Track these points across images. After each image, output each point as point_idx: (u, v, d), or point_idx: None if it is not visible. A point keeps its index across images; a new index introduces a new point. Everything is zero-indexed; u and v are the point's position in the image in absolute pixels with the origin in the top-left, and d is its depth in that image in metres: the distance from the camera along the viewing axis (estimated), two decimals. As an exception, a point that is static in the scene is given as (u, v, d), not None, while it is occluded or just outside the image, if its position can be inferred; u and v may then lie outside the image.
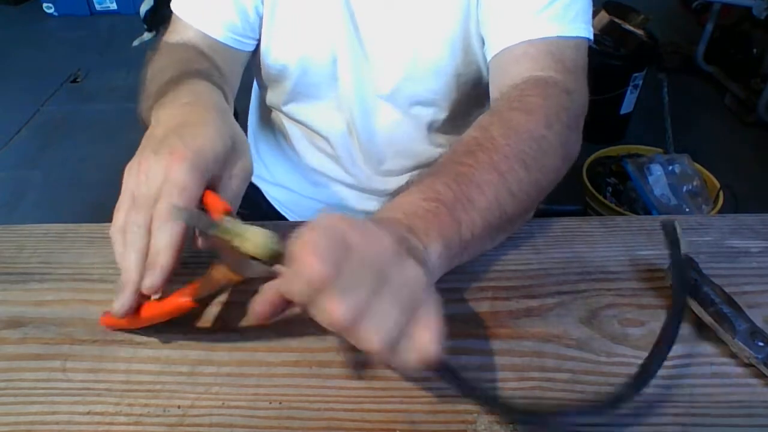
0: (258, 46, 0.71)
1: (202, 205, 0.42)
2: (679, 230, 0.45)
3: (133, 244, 0.41)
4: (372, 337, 0.32)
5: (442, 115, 0.74)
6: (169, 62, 0.59)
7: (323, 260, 0.31)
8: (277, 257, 0.34)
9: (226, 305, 0.47)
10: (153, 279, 0.39)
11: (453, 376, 0.37)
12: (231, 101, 0.65)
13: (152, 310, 0.41)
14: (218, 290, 0.37)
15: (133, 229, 0.41)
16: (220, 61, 0.65)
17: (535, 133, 0.49)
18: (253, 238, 0.34)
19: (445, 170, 0.46)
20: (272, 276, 0.35)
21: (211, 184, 0.43)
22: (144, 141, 0.45)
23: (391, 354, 0.33)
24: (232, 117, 0.49)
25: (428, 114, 0.73)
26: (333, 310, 0.31)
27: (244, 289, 0.48)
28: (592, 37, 0.60)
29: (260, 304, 0.36)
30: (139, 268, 0.40)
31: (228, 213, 0.40)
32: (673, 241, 0.45)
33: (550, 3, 0.58)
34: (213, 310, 0.47)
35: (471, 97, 0.72)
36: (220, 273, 0.38)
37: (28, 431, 0.38)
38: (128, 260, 0.41)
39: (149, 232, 0.40)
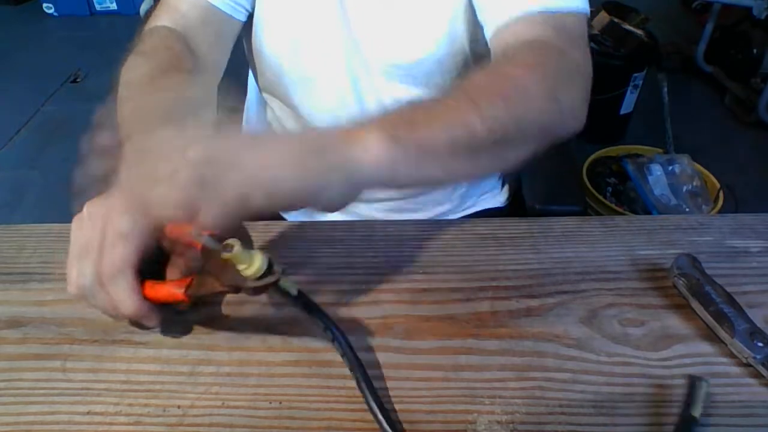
0: (251, 28, 0.71)
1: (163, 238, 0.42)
2: (704, 391, 0.39)
3: (94, 302, 0.41)
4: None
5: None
6: (140, 75, 0.57)
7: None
8: (265, 276, 0.36)
9: (226, 306, 0.47)
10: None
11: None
12: (208, 81, 0.66)
13: (147, 294, 0.41)
14: (210, 295, 0.38)
15: (90, 285, 0.40)
16: (211, 35, 0.66)
17: (519, 80, 0.49)
18: (255, 263, 0.36)
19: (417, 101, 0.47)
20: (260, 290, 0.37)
21: None
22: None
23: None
24: None
25: (415, 95, 0.74)
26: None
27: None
28: (588, 13, 0.60)
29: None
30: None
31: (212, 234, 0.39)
32: (692, 397, 0.39)
33: None
34: (213, 310, 0.47)
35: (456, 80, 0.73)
36: (216, 282, 0.38)
37: (28, 431, 0.38)
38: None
39: (103, 286, 0.40)
